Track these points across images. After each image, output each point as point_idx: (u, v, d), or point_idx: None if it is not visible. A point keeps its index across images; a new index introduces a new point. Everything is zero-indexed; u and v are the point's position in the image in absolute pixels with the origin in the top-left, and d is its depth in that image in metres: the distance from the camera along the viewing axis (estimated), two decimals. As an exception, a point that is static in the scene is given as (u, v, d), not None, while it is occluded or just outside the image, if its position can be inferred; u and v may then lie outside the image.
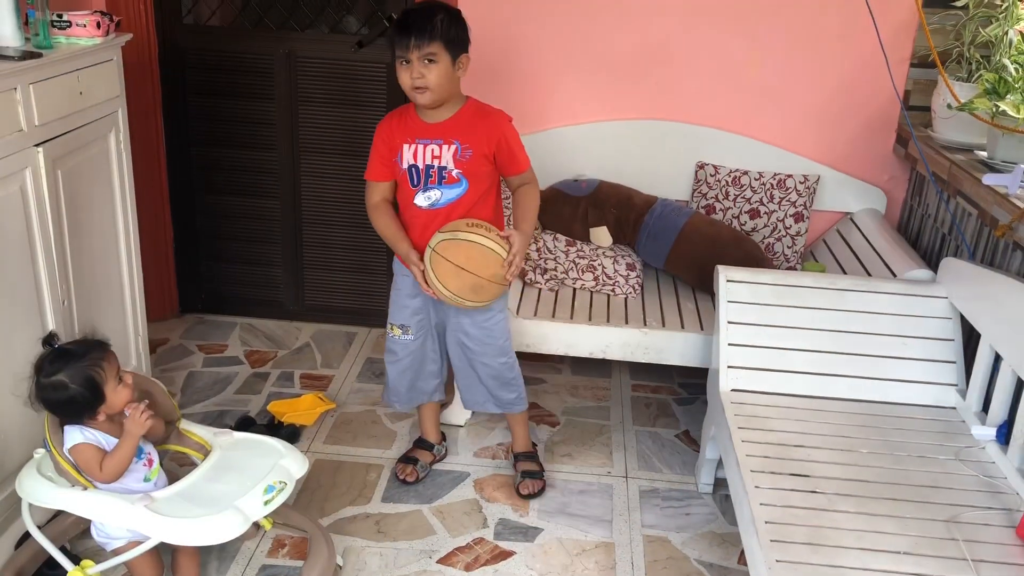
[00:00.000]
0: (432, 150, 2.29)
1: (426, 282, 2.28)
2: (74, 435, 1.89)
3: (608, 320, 2.80)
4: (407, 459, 2.67)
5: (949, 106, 2.65)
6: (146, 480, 1.97)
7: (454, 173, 2.28)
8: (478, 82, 3.12)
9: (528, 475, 2.61)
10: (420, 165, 2.30)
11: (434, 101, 2.24)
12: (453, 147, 2.26)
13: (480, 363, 2.51)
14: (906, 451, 2.17)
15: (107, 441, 1.92)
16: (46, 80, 2.17)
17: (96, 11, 2.41)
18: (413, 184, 2.31)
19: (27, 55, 2.12)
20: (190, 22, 3.24)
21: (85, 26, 2.37)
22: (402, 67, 2.20)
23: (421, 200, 2.31)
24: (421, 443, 2.72)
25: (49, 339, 1.91)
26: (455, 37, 2.21)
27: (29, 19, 2.30)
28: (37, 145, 2.15)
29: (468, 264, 2.20)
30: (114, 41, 2.49)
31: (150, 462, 2.00)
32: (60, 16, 2.36)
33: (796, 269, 3.09)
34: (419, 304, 2.46)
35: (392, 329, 2.52)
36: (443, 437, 2.79)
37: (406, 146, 2.30)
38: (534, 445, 2.74)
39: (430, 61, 2.18)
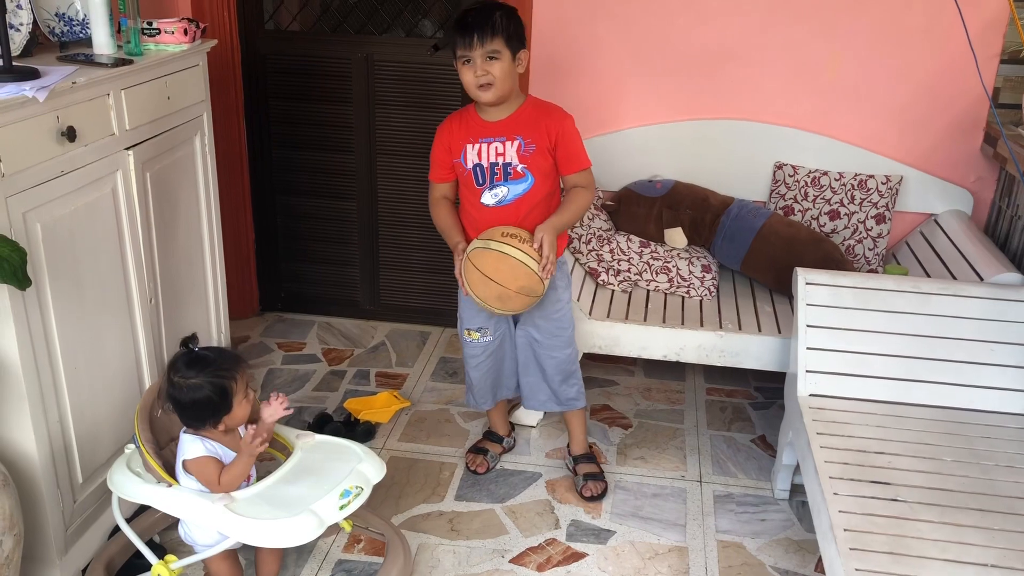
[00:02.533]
0: (496, 148, 2.31)
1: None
2: (195, 447, 1.93)
3: (683, 322, 2.78)
4: (477, 450, 2.71)
5: (1042, 103, 2.56)
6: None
7: (519, 168, 2.30)
8: (553, 83, 3.13)
9: (590, 477, 2.59)
10: (485, 164, 2.32)
11: (498, 97, 2.25)
12: (516, 142, 2.29)
13: (548, 356, 2.52)
14: (993, 460, 2.10)
15: (224, 453, 1.96)
16: (136, 86, 2.25)
17: (183, 18, 2.49)
18: (479, 183, 2.33)
19: (119, 62, 2.21)
20: (271, 28, 3.32)
21: (173, 33, 2.45)
22: (465, 66, 2.23)
23: (488, 198, 2.33)
24: (490, 435, 2.76)
25: (190, 340, 1.96)
26: (515, 33, 2.24)
27: (122, 27, 2.39)
28: (128, 148, 2.23)
29: (496, 275, 2.21)
30: (200, 47, 2.57)
31: (248, 478, 2.04)
32: (150, 24, 2.44)
33: (877, 272, 3.02)
34: None
35: (469, 334, 2.53)
36: (512, 428, 2.82)
37: (469, 146, 2.32)
38: (590, 445, 2.75)
39: (492, 58, 2.20)
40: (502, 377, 2.63)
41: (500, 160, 2.31)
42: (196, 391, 1.89)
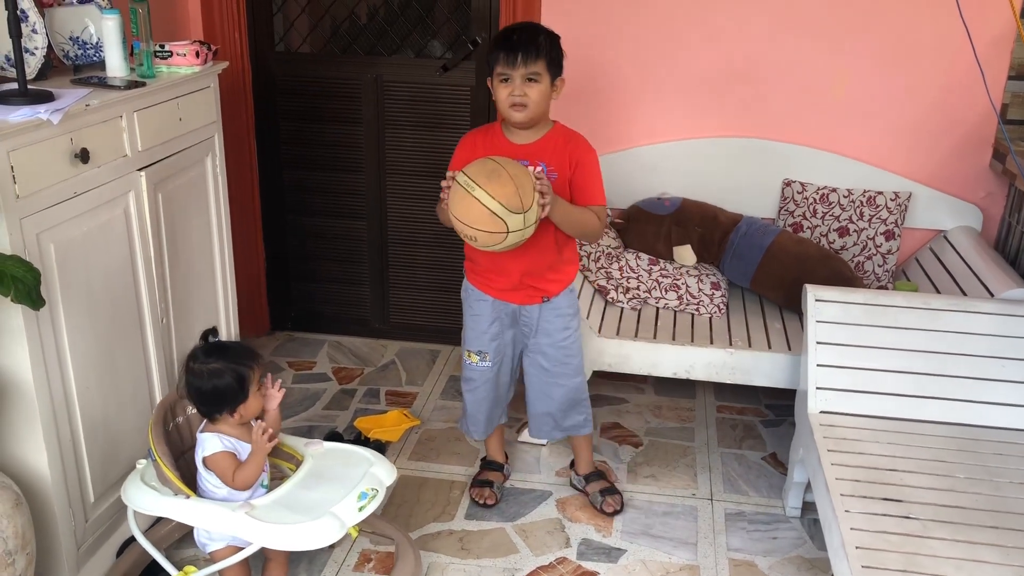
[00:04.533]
0: None
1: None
2: (213, 443, 1.97)
3: (692, 340, 2.78)
4: (481, 483, 2.65)
5: (1050, 119, 2.56)
6: (262, 485, 2.06)
7: None
8: (562, 102, 3.15)
9: (607, 492, 2.59)
10: None
11: (530, 120, 2.24)
12: (539, 168, 2.22)
13: (556, 384, 2.49)
14: (1006, 477, 2.08)
15: (241, 447, 2.00)
16: (149, 108, 2.27)
17: (195, 41, 2.52)
18: None
19: (132, 84, 2.23)
20: (282, 50, 3.35)
21: (185, 55, 2.48)
22: (502, 84, 2.21)
23: None
24: (489, 465, 2.70)
25: (210, 332, 2.01)
26: (556, 58, 2.23)
27: (135, 50, 2.42)
28: (140, 169, 2.25)
29: (465, 217, 2.07)
30: (211, 69, 2.59)
31: (264, 469, 2.07)
32: (162, 47, 2.47)
33: (887, 288, 3.01)
34: (497, 329, 2.44)
35: (469, 356, 2.50)
36: (506, 456, 2.77)
37: None
38: (602, 463, 2.74)
39: (532, 80, 2.19)
40: (495, 408, 2.58)
41: None
42: (216, 376, 1.94)
